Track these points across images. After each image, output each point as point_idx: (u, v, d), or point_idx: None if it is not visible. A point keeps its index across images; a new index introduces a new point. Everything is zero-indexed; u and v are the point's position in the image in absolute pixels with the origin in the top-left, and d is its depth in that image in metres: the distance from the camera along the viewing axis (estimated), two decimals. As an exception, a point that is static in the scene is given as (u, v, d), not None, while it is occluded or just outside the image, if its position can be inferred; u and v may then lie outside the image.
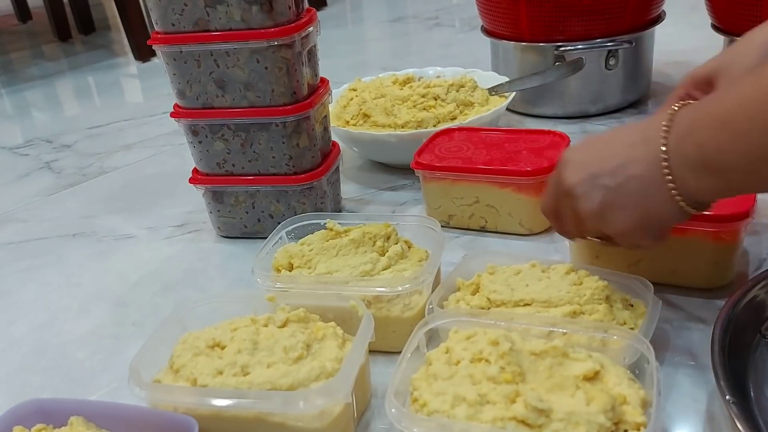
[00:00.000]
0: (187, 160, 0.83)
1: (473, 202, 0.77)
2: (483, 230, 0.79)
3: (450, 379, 0.47)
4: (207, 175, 0.81)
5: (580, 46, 1.00)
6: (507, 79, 1.01)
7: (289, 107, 0.75)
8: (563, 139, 0.80)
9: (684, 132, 0.47)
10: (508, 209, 0.76)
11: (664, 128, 0.48)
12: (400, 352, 0.51)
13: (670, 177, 0.48)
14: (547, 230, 0.77)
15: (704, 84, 0.60)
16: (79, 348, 0.68)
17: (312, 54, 0.78)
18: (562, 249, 0.74)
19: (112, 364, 0.65)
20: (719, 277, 0.64)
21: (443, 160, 0.78)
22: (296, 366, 0.51)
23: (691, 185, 0.48)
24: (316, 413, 0.49)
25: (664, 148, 0.48)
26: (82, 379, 0.64)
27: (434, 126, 0.92)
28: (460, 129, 0.86)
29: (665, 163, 0.48)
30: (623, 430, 0.44)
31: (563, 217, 0.57)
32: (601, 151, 0.53)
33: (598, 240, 0.59)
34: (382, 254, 0.65)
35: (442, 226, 0.67)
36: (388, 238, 0.67)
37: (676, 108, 0.49)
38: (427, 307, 0.58)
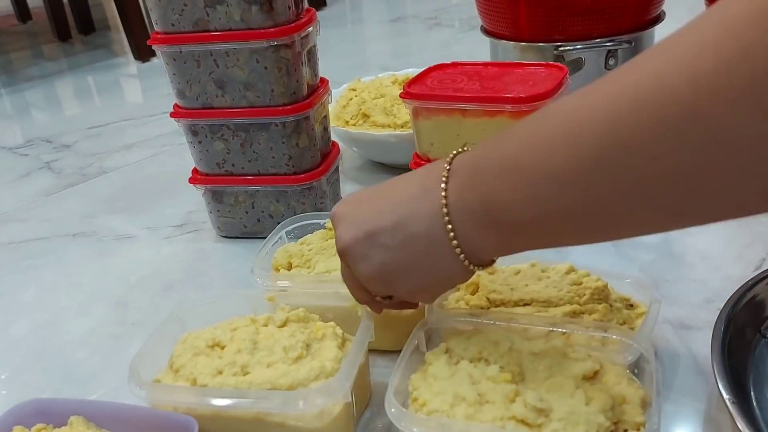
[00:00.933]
0: (187, 160, 0.83)
1: None
2: None
3: (449, 379, 0.47)
4: (207, 175, 0.81)
5: (579, 46, 1.00)
6: (507, 79, 1.01)
7: (289, 107, 0.75)
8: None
9: (464, 181, 0.42)
10: None
11: (444, 177, 0.43)
12: (399, 351, 0.51)
13: (453, 233, 0.43)
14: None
15: None
16: (79, 348, 0.68)
17: (312, 54, 0.78)
18: (562, 249, 0.74)
19: (112, 364, 0.65)
20: None
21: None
22: (296, 366, 0.51)
23: (474, 241, 0.43)
24: (316, 413, 0.49)
25: (444, 201, 0.42)
26: (82, 379, 0.64)
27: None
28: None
29: (447, 218, 0.42)
30: (623, 429, 0.44)
31: (345, 278, 0.51)
32: (378, 205, 0.46)
33: (384, 300, 0.52)
34: None
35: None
36: None
37: (455, 152, 0.44)
38: (426, 307, 0.58)
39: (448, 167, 0.43)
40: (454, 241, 0.43)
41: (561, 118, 0.37)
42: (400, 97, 0.75)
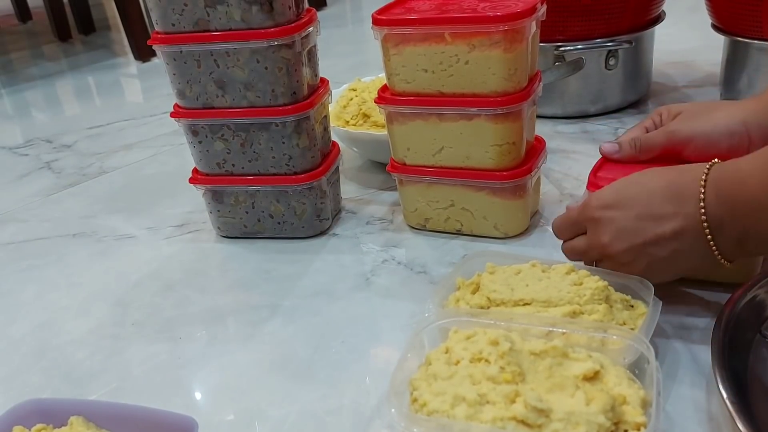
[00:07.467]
0: (187, 160, 0.83)
1: (448, 206, 0.77)
2: (459, 233, 0.78)
3: (450, 379, 0.47)
4: (207, 175, 0.81)
5: (579, 46, 1.00)
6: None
7: (289, 107, 0.75)
8: None
9: (722, 211, 0.51)
10: (483, 212, 0.76)
11: (701, 196, 0.52)
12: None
13: (714, 246, 0.53)
14: (522, 233, 0.77)
15: (683, 143, 0.65)
16: (79, 348, 0.68)
17: (312, 54, 0.78)
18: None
19: (112, 364, 0.65)
20: (505, 159, 0.73)
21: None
22: None
23: (730, 252, 0.53)
24: None
25: (705, 225, 0.52)
26: (82, 379, 0.64)
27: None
28: None
29: (708, 236, 0.53)
30: (623, 430, 0.44)
31: (583, 255, 0.61)
32: (640, 213, 0.55)
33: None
34: None
35: (419, 230, 0.65)
36: None
37: (706, 171, 0.53)
38: (426, 307, 0.58)
39: (703, 186, 0.53)
40: (715, 250, 0.53)
41: None
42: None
